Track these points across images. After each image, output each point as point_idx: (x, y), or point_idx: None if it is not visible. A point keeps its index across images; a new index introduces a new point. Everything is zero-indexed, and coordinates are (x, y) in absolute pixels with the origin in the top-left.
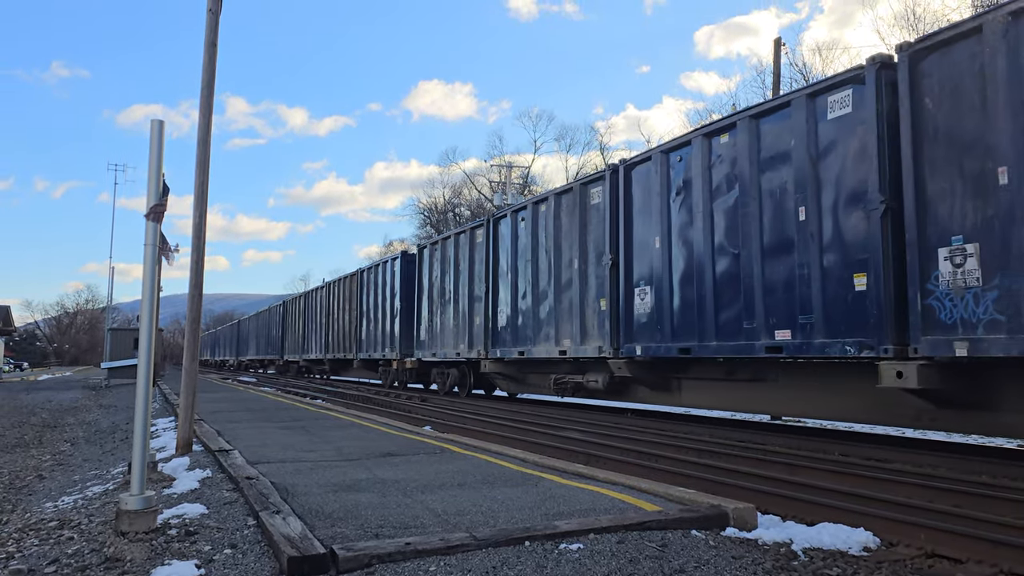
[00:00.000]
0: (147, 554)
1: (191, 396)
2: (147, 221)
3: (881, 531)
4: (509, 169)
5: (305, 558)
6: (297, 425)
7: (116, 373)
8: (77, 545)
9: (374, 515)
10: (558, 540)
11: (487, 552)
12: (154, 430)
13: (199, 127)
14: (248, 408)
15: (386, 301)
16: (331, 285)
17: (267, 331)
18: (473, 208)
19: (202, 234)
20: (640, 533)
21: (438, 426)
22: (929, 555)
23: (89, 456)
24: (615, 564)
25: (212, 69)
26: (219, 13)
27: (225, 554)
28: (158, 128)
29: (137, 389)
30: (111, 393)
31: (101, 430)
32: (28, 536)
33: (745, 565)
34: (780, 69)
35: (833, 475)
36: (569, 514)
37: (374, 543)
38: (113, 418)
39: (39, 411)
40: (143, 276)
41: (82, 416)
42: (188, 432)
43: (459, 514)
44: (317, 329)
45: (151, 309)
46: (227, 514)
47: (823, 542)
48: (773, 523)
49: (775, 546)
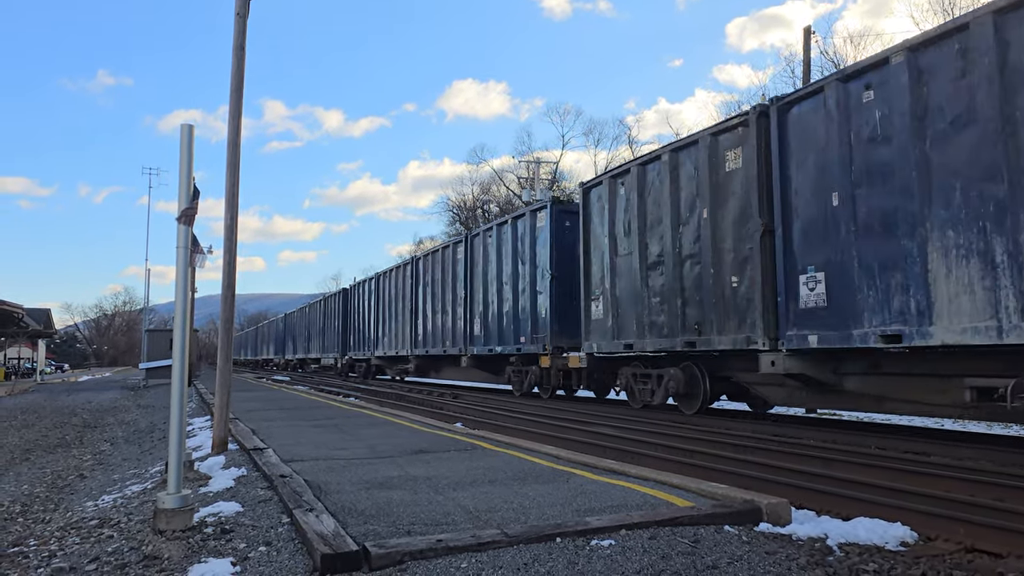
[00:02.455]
0: (184, 552)
1: (226, 395)
2: (179, 224)
3: (919, 526)
4: (538, 165)
5: (338, 555)
6: (330, 423)
7: (154, 373)
8: (116, 543)
9: (406, 512)
10: (589, 536)
11: (518, 549)
12: (190, 429)
13: (229, 130)
14: (282, 407)
15: (519, 271)
16: (417, 261)
17: (322, 325)
18: (502, 205)
19: (234, 235)
20: (672, 529)
21: (469, 423)
22: (969, 550)
23: (128, 455)
24: (647, 560)
25: (241, 73)
26: (247, 17)
27: (260, 552)
28: (188, 132)
29: (172, 390)
30: (149, 393)
31: (140, 430)
32: (70, 534)
33: (779, 561)
34: (810, 58)
35: (869, 469)
36: (600, 510)
37: (406, 540)
38: (151, 418)
39: (80, 412)
40: (176, 278)
41: (121, 416)
42: (223, 431)
43: (490, 511)
44: (395, 318)
45: (185, 310)
46: (261, 512)
47: (859, 537)
48: (808, 518)
49: (809, 541)
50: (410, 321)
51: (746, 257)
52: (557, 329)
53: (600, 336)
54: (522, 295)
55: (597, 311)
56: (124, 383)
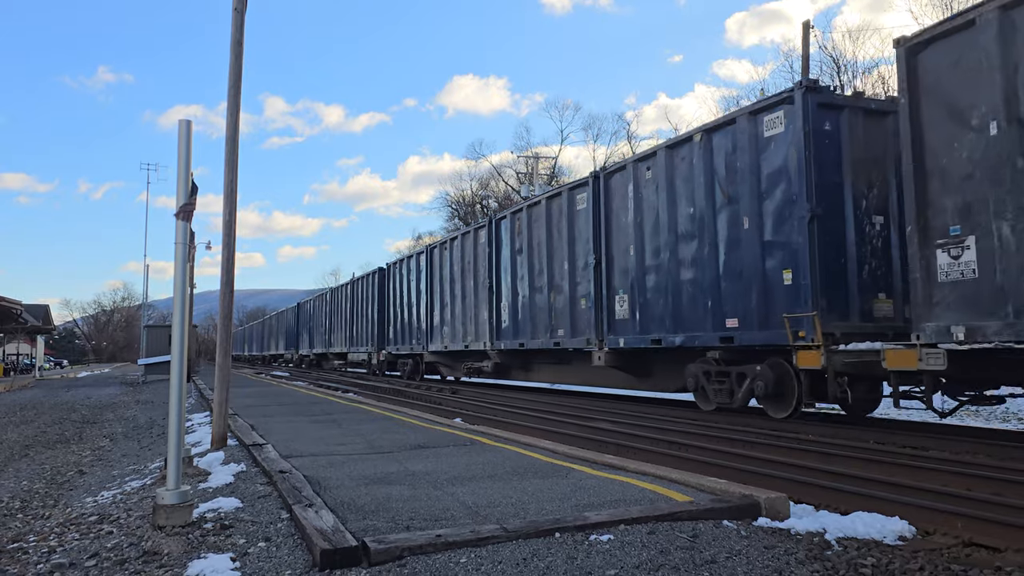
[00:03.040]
0: (183, 547)
1: (224, 392)
2: (177, 220)
3: (917, 520)
4: (536, 160)
5: (337, 551)
6: (329, 419)
7: (152, 369)
8: (116, 539)
9: (405, 508)
10: (588, 531)
11: (517, 544)
12: (189, 425)
13: (227, 126)
14: (281, 402)
15: (734, 210)
16: (500, 221)
17: (348, 314)
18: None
19: (232, 231)
20: (671, 524)
21: (468, 418)
22: (967, 544)
23: (127, 451)
24: (646, 555)
25: (239, 68)
26: (244, 12)
27: (259, 547)
28: (186, 128)
29: (171, 386)
30: (148, 389)
31: (139, 426)
32: (69, 530)
33: (777, 555)
34: (809, 54)
35: (868, 463)
36: (599, 505)
37: (405, 535)
38: (150, 414)
39: (79, 408)
40: (174, 274)
41: (120, 412)
42: (222, 427)
43: (489, 506)
44: (462, 300)
45: (183, 306)
46: (261, 508)
47: (857, 531)
48: (806, 512)
49: (808, 536)
50: (490, 303)
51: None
52: (826, 305)
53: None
54: (738, 247)
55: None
56: (123, 379)
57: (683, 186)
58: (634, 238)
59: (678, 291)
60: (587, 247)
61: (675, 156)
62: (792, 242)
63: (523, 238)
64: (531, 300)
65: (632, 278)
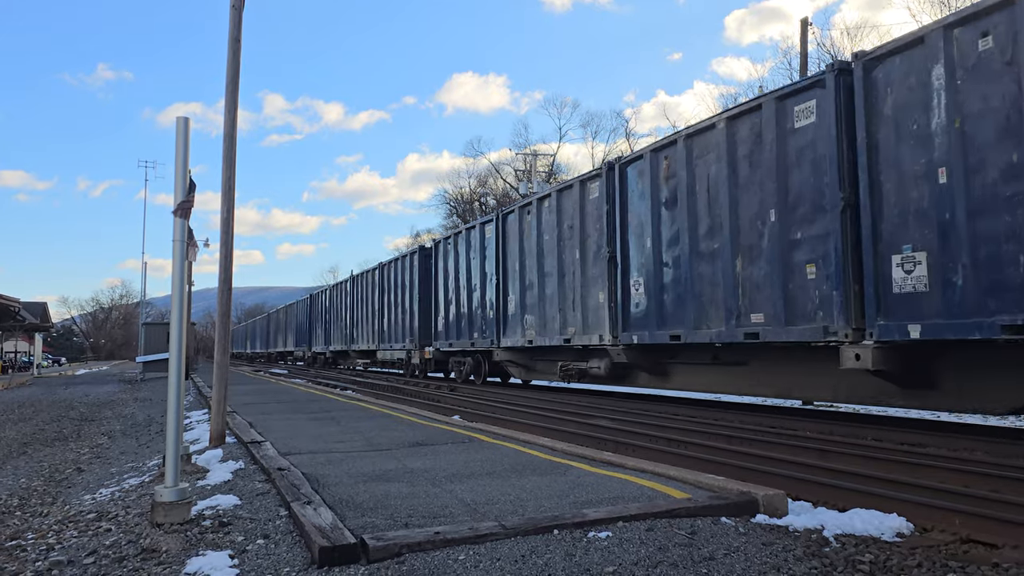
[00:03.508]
0: (182, 545)
1: (223, 389)
2: (175, 217)
3: (915, 517)
4: (535, 158)
5: (336, 548)
6: (327, 416)
7: (151, 367)
8: (114, 536)
9: (404, 505)
10: (587, 528)
11: (516, 541)
12: (188, 422)
13: (225, 123)
14: (279, 400)
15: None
16: (625, 165)
17: (377, 305)
18: (499, 197)
19: (230, 229)
20: (669, 521)
21: (466, 415)
22: (964, 540)
23: (126, 449)
24: (644, 552)
25: (236, 65)
26: (242, 9)
27: (258, 544)
28: (184, 125)
29: (169, 383)
30: (146, 387)
31: (137, 423)
32: (67, 528)
33: (776, 552)
34: (807, 50)
35: (866, 460)
36: (598, 502)
37: (404, 533)
38: (148, 411)
39: (77, 405)
40: (172, 271)
41: (118, 410)
42: (221, 424)
43: (488, 503)
44: (557, 280)
45: (181, 303)
46: (259, 505)
47: (855, 528)
48: (804, 509)
49: (806, 532)
50: (611, 280)
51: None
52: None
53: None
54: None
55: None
56: (121, 376)
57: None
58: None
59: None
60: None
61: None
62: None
63: (675, 183)
64: (691, 271)
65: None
